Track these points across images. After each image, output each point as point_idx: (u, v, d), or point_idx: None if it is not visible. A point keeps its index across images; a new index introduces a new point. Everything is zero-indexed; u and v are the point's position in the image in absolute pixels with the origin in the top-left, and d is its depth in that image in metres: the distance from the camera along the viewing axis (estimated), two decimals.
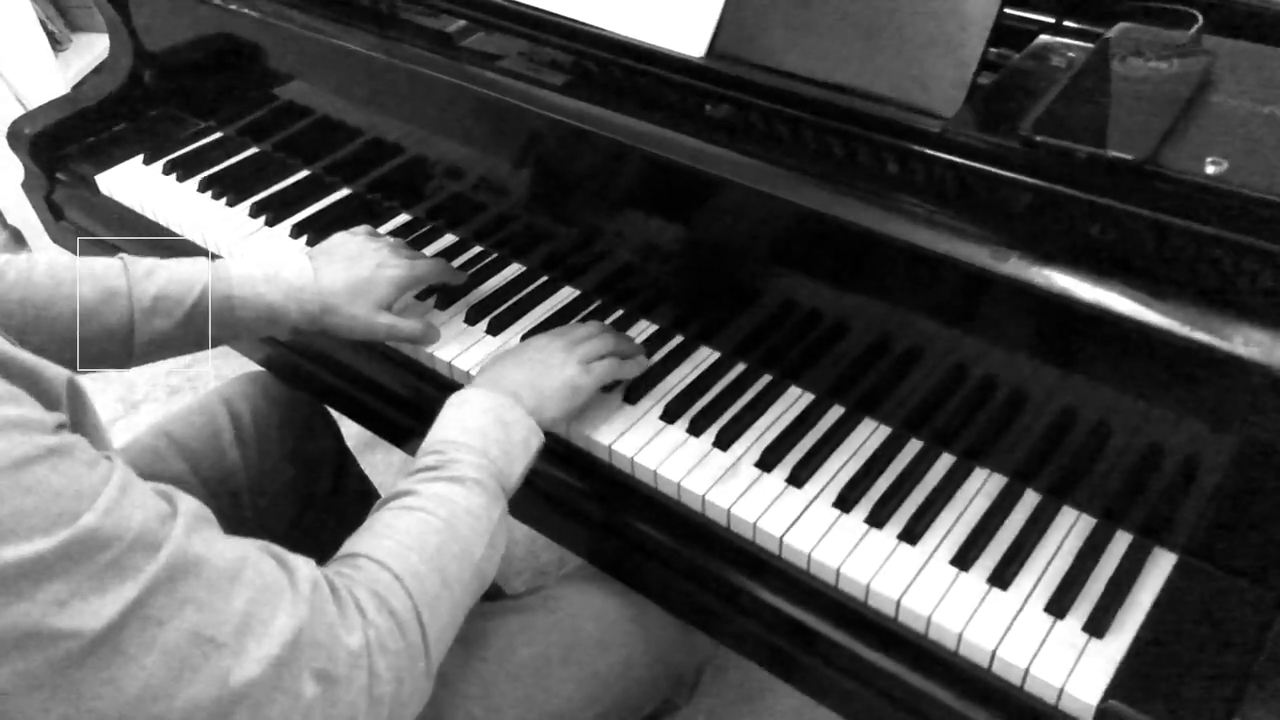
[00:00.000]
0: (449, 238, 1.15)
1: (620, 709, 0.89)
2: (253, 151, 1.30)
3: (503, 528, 0.76)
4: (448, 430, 0.79)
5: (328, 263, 0.94)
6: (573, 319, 1.03)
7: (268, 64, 1.21)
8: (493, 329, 1.03)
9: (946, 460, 0.88)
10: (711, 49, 0.90)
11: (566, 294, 1.07)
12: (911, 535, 0.81)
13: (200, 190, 1.24)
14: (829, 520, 0.83)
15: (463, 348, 1.01)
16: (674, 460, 0.89)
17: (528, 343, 0.92)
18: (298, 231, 1.17)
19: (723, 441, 0.90)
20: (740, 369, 0.97)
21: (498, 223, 1.11)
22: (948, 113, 0.80)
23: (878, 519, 0.83)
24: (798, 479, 0.86)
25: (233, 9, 1.16)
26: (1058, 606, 0.76)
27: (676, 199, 0.93)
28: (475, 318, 1.04)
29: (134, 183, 1.27)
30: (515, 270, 1.10)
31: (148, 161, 1.29)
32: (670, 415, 0.93)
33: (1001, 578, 0.78)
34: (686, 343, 1.00)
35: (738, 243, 0.92)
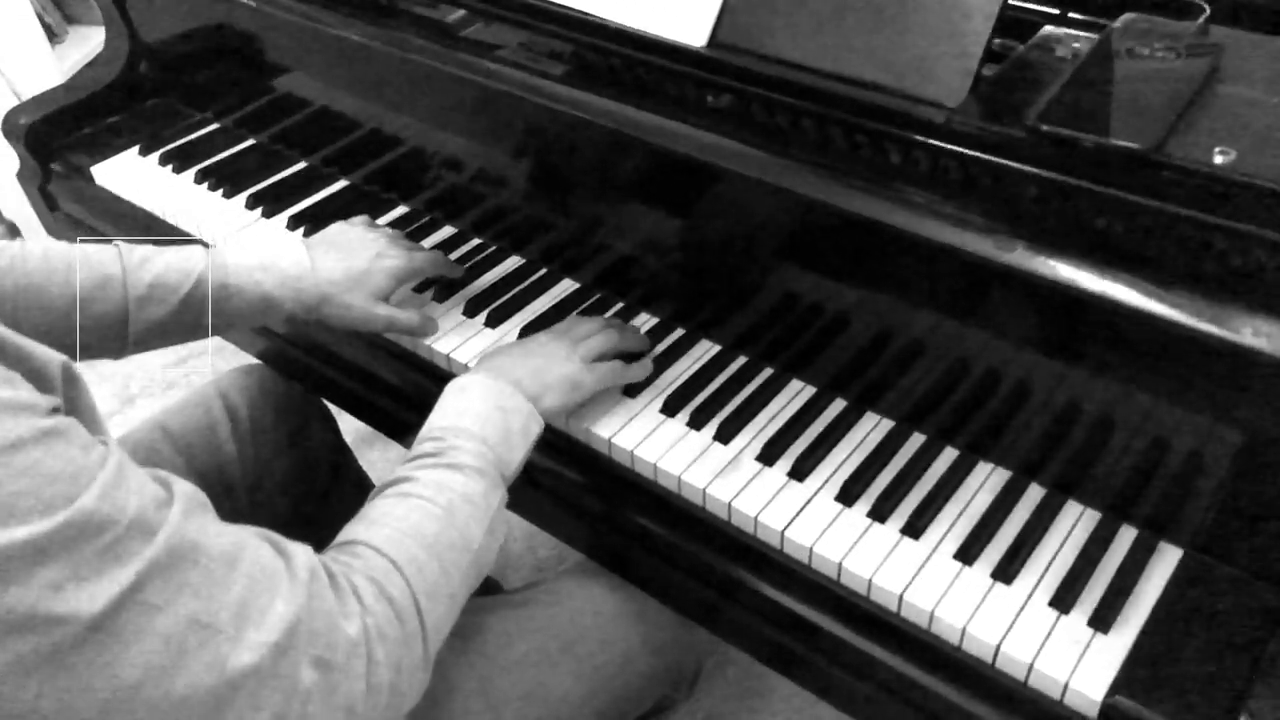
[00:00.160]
0: (447, 230, 1.14)
1: (619, 704, 0.88)
2: (249, 143, 1.29)
3: (501, 515, 0.75)
4: (447, 416, 0.78)
5: (325, 252, 0.93)
6: (572, 312, 1.03)
7: (265, 54, 1.20)
8: (491, 321, 1.02)
9: (950, 454, 0.87)
10: (713, 38, 0.89)
11: (566, 286, 1.06)
12: (915, 529, 0.81)
13: (197, 182, 1.23)
14: (831, 514, 0.83)
15: (461, 340, 1.00)
16: (674, 454, 0.88)
17: (531, 336, 0.91)
18: (294, 223, 1.16)
19: (724, 435, 0.89)
20: (741, 362, 0.97)
21: (497, 215, 1.10)
22: (952, 103, 0.79)
23: (880, 513, 0.82)
24: (800, 473, 0.86)
25: None
26: (1062, 601, 0.75)
27: (677, 190, 0.92)
28: (474, 310, 1.03)
29: (130, 174, 1.26)
30: (514, 263, 1.09)
31: (144, 153, 1.28)
32: (671, 408, 0.92)
33: (1006, 572, 0.77)
34: (687, 336, 1.00)
35: (739, 234, 0.91)
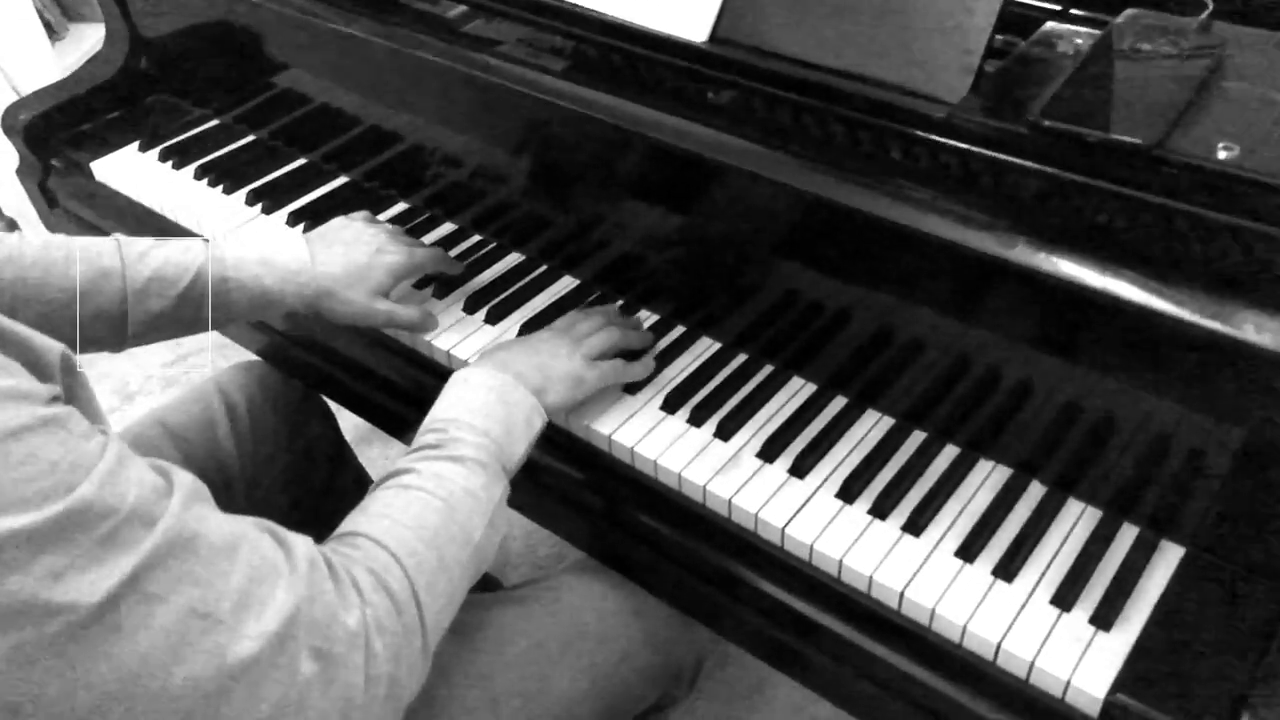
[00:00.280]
0: (447, 226, 1.14)
1: (618, 701, 0.88)
2: (249, 139, 1.29)
3: (503, 508, 0.75)
4: (449, 408, 0.78)
5: (325, 247, 0.93)
6: (572, 309, 1.02)
7: (265, 50, 1.19)
8: (491, 318, 1.02)
9: (951, 451, 0.87)
10: (714, 34, 0.89)
11: (566, 283, 1.06)
12: (915, 527, 0.80)
13: (196, 178, 1.23)
14: (831, 511, 0.82)
15: (461, 336, 1.00)
16: (674, 450, 0.88)
17: (534, 333, 0.91)
18: (294, 219, 1.16)
19: (724, 432, 0.89)
20: (742, 359, 0.96)
21: (497, 211, 1.10)
22: (953, 98, 0.79)
23: (881, 510, 0.82)
24: (800, 470, 0.85)
25: None
26: (1064, 599, 0.75)
27: (678, 186, 0.92)
28: (474, 306, 1.03)
29: (129, 170, 1.25)
30: (514, 259, 1.09)
31: (143, 149, 1.28)
32: (671, 405, 0.92)
33: (1007, 570, 0.77)
34: (687, 332, 0.99)
35: (740, 230, 0.91)
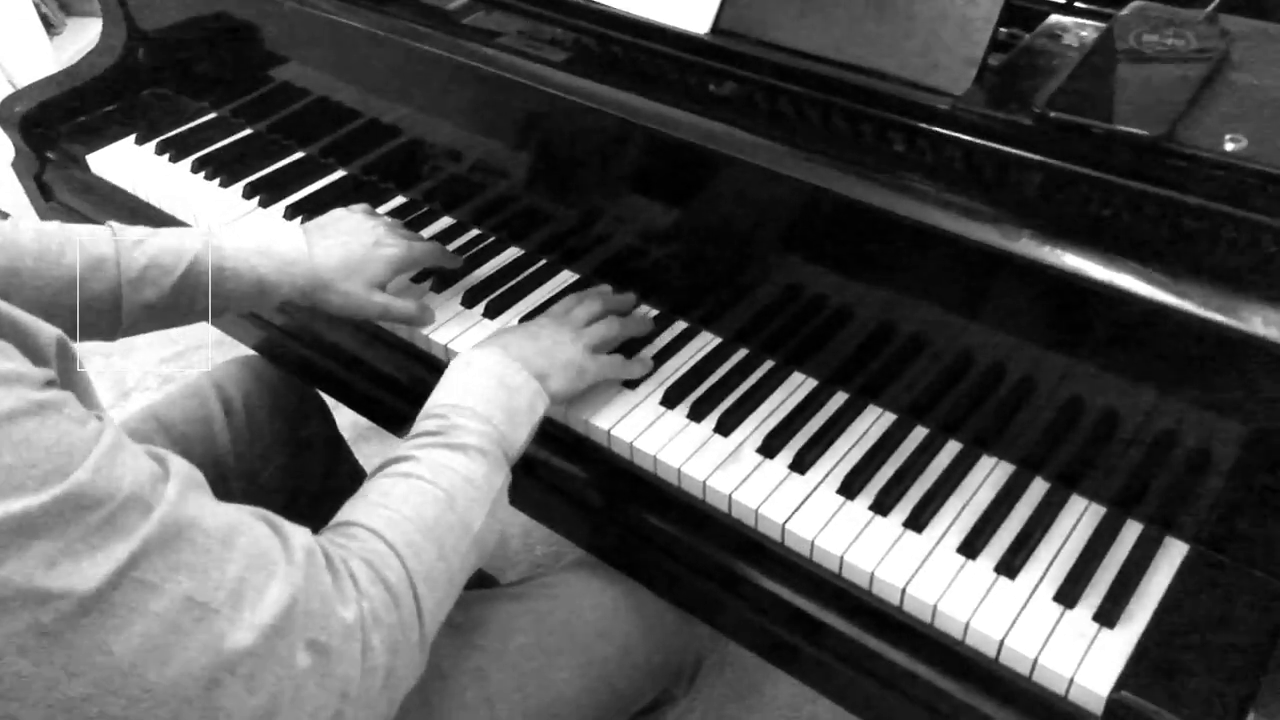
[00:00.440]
0: (446, 220, 1.13)
1: (618, 698, 0.87)
2: (247, 132, 1.28)
3: (504, 497, 0.74)
4: (451, 393, 0.77)
5: (323, 238, 0.92)
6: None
7: (263, 43, 1.19)
8: (490, 312, 1.01)
9: (953, 447, 0.86)
10: (716, 25, 0.88)
11: (565, 278, 1.05)
12: (917, 523, 0.80)
13: (193, 171, 1.22)
14: (832, 507, 0.81)
15: (459, 330, 0.99)
16: (674, 446, 0.87)
17: (535, 319, 0.91)
18: (292, 213, 1.15)
19: (724, 427, 0.88)
20: (742, 354, 0.96)
21: (496, 205, 1.09)
22: (957, 90, 0.78)
23: (882, 506, 0.81)
24: (800, 465, 0.85)
25: None
26: (1067, 596, 0.74)
27: (679, 179, 0.91)
28: (472, 301, 1.02)
29: (126, 163, 1.25)
30: (513, 253, 1.08)
31: (140, 141, 1.27)
32: (670, 401, 0.91)
33: (1009, 566, 0.76)
34: (688, 328, 0.99)
35: (741, 224, 0.90)
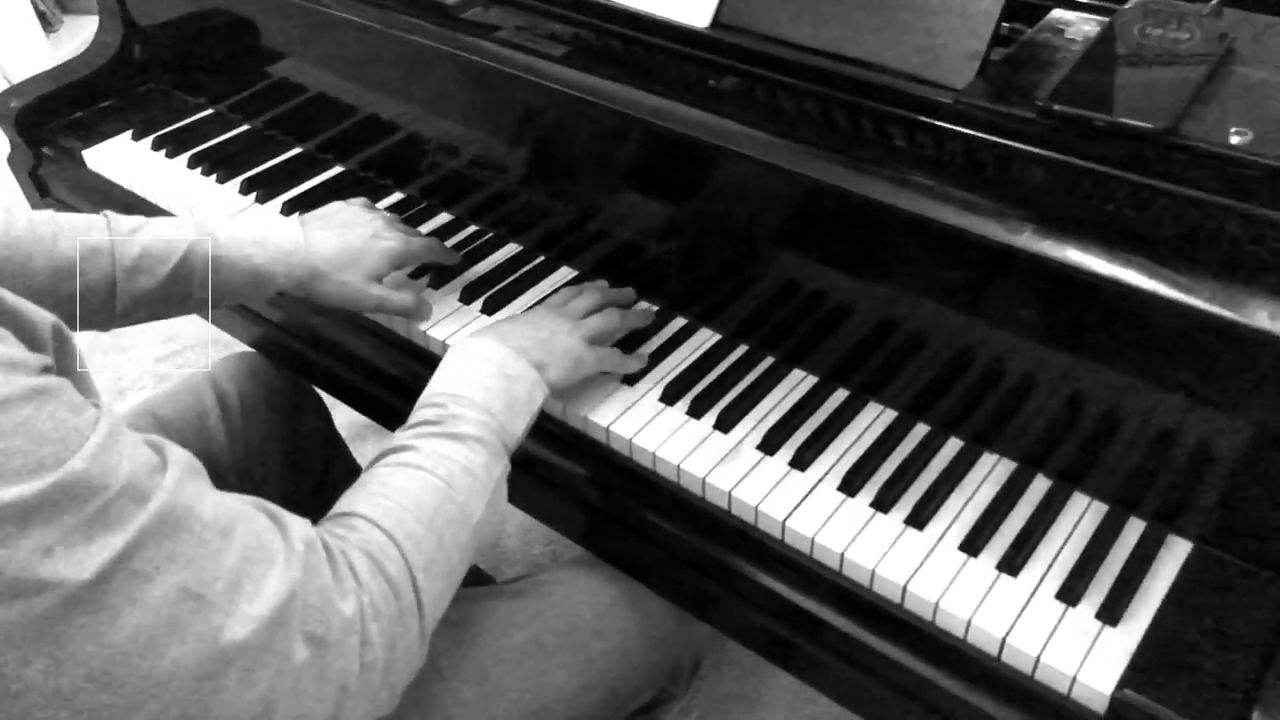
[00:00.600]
0: (444, 216, 1.13)
1: (616, 697, 0.86)
2: (244, 128, 1.28)
3: (503, 487, 0.74)
4: (449, 382, 0.76)
5: (320, 228, 0.91)
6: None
7: (261, 38, 1.18)
8: (488, 308, 1.00)
9: (954, 444, 0.85)
10: (716, 19, 0.87)
11: (564, 274, 1.05)
12: (918, 520, 0.79)
13: (190, 166, 1.21)
14: (833, 504, 0.81)
15: (457, 326, 0.98)
16: (674, 442, 0.86)
17: (533, 309, 0.90)
18: (289, 209, 1.14)
19: (724, 424, 0.88)
20: (742, 350, 0.95)
21: (494, 201, 1.09)
22: (959, 85, 0.78)
23: (883, 503, 0.80)
24: (801, 462, 0.84)
25: None
26: (1070, 593, 0.73)
27: (679, 174, 0.90)
28: (470, 297, 1.01)
29: (122, 159, 1.24)
30: (512, 249, 1.08)
31: (137, 137, 1.26)
32: (670, 397, 0.90)
33: (1012, 564, 0.76)
34: (687, 324, 0.98)
35: (741, 219, 0.90)
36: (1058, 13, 0.86)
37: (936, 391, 0.85)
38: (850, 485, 0.82)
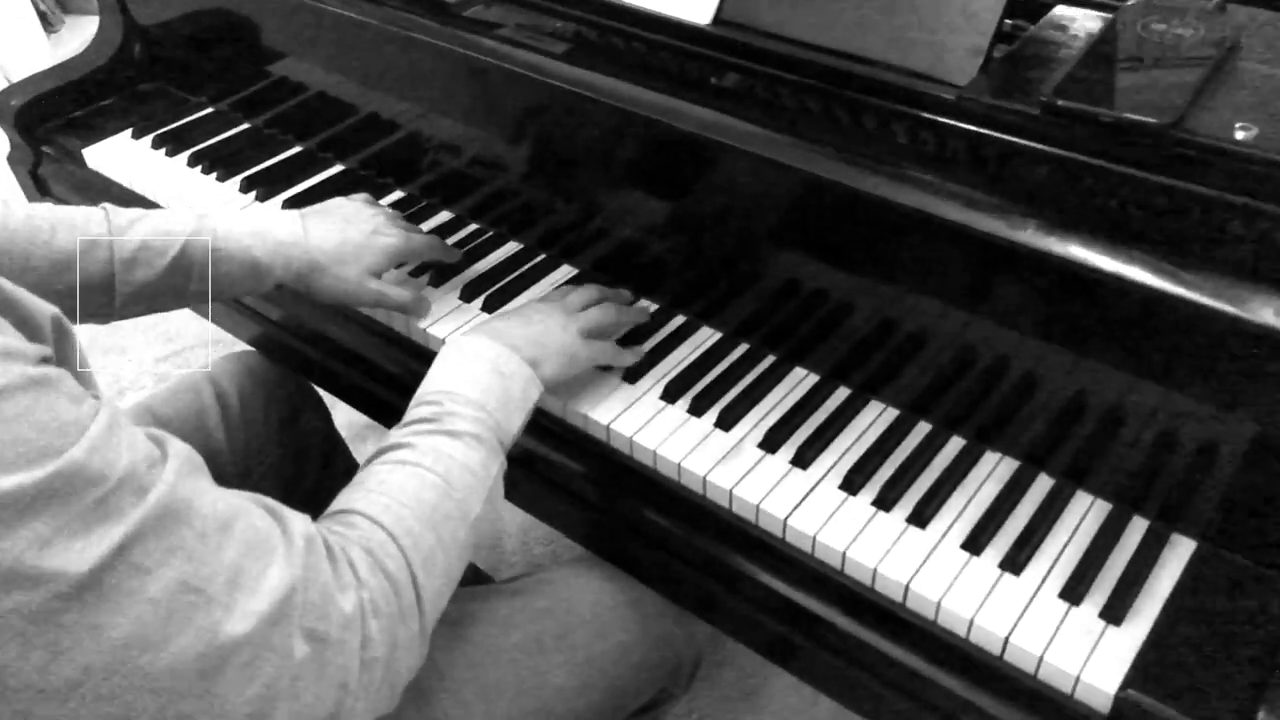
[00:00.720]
0: (444, 214, 1.12)
1: (615, 696, 0.86)
2: (244, 127, 1.27)
3: (500, 485, 0.73)
4: (444, 379, 0.76)
5: (320, 222, 0.91)
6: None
7: (261, 36, 1.18)
8: (488, 307, 1.00)
9: (957, 443, 0.85)
10: (718, 15, 0.87)
11: (565, 272, 1.04)
12: (921, 518, 0.79)
13: (190, 165, 1.21)
14: (835, 502, 0.80)
15: (457, 324, 0.98)
16: (674, 440, 0.86)
17: (528, 304, 0.90)
18: (289, 207, 1.14)
19: (725, 422, 0.87)
20: (743, 348, 0.95)
21: (495, 199, 1.08)
22: (962, 81, 0.78)
23: (885, 502, 0.80)
24: (803, 460, 0.84)
25: None
26: (1073, 592, 0.73)
27: (681, 171, 0.90)
28: (471, 295, 1.01)
29: (123, 157, 1.24)
30: (512, 248, 1.07)
31: (137, 135, 1.26)
32: (671, 395, 0.90)
33: (1014, 563, 0.75)
34: (688, 322, 0.98)
35: (743, 216, 0.89)
36: (1060, 9, 0.85)
37: (939, 390, 0.85)
38: (852, 484, 0.82)
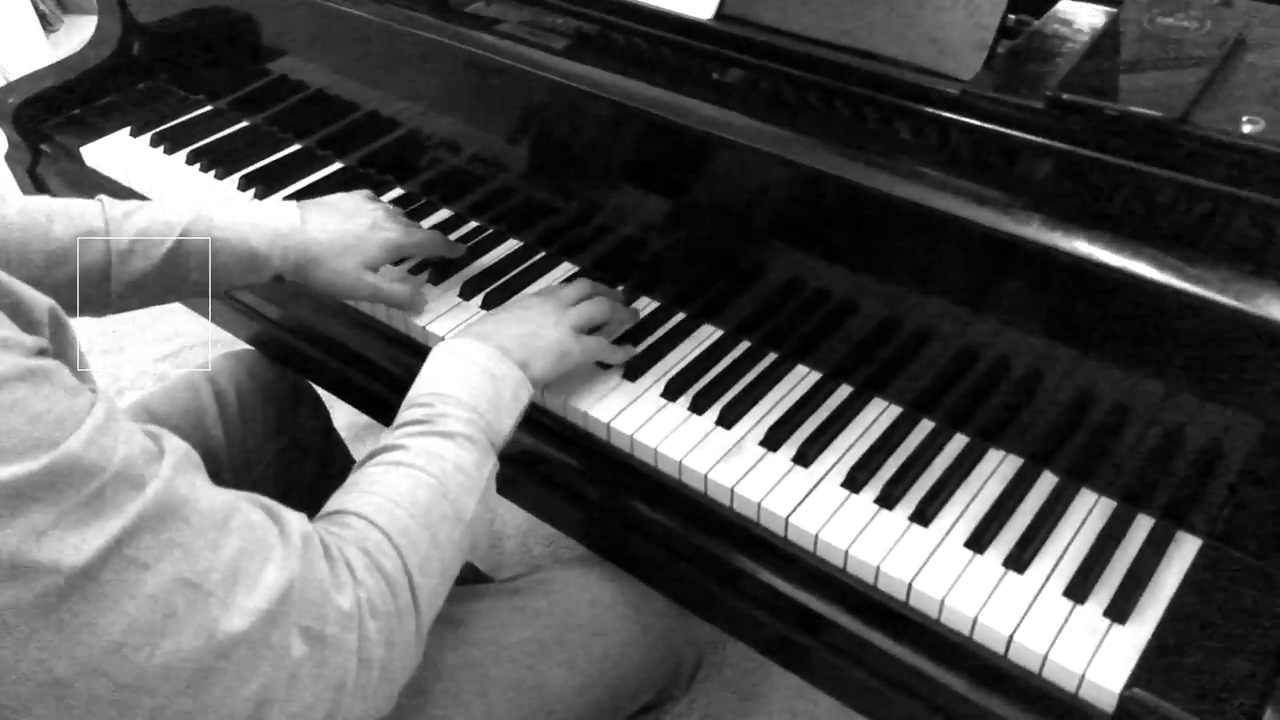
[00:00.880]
0: (444, 212, 1.12)
1: (615, 696, 0.85)
2: (243, 124, 1.27)
3: (493, 486, 0.73)
4: (435, 382, 0.75)
5: (319, 213, 0.91)
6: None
7: (260, 34, 1.17)
8: (488, 304, 0.99)
9: (960, 440, 0.84)
10: (720, 11, 0.86)
11: (565, 270, 1.04)
12: (924, 516, 0.78)
13: (189, 163, 1.21)
14: (837, 500, 0.80)
15: (457, 322, 0.97)
16: (675, 438, 0.85)
17: (519, 299, 0.89)
18: None
19: (726, 419, 0.86)
20: (745, 346, 0.94)
21: (495, 197, 1.08)
22: (966, 76, 0.77)
23: (888, 500, 0.79)
24: (805, 458, 0.83)
25: None
26: (1078, 591, 0.72)
27: (682, 167, 0.90)
28: (470, 292, 1.00)
29: (121, 155, 1.23)
30: (512, 245, 1.07)
31: (135, 133, 1.26)
32: (671, 392, 0.89)
33: (1018, 561, 0.74)
34: (688, 319, 0.97)
35: (745, 213, 0.89)
36: (1065, 4, 0.85)
37: (942, 387, 0.84)
38: (854, 481, 0.81)
